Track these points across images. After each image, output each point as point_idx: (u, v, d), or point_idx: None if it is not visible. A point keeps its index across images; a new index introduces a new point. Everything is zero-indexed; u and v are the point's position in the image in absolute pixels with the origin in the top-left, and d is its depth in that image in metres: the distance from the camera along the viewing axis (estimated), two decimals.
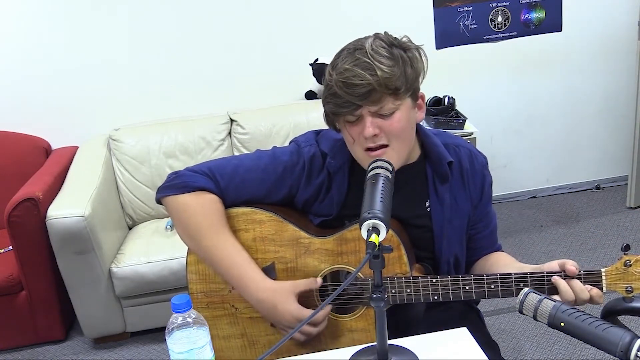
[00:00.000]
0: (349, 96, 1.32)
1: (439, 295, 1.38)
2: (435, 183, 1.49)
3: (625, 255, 1.31)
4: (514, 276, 1.35)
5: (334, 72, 1.35)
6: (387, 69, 1.31)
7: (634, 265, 1.30)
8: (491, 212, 1.59)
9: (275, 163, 1.50)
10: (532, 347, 2.60)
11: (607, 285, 1.32)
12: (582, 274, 1.32)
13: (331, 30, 3.35)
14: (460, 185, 1.51)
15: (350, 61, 1.33)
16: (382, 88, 1.31)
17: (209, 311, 1.51)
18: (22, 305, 2.81)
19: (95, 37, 3.24)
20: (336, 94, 1.34)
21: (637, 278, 1.31)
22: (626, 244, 1.30)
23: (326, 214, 1.50)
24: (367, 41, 1.36)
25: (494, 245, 1.61)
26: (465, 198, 1.52)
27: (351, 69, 1.32)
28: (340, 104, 1.34)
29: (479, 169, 1.53)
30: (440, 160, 1.48)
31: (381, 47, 1.34)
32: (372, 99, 1.33)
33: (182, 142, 3.16)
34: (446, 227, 1.50)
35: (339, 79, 1.33)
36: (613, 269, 1.32)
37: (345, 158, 1.48)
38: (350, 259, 1.45)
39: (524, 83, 3.70)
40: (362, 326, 1.46)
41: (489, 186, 1.56)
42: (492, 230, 1.60)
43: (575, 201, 3.83)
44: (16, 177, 3.01)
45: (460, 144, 1.54)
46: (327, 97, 1.37)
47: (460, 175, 1.51)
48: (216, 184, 1.48)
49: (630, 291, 1.31)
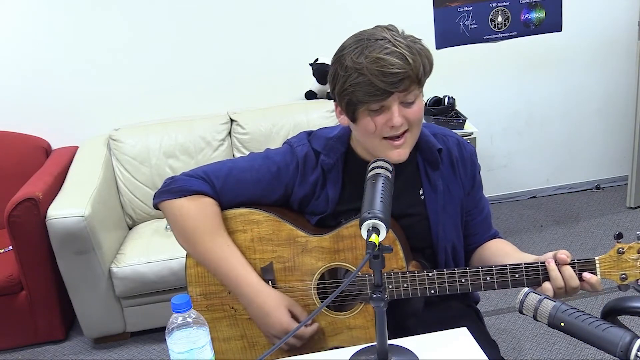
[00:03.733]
0: (383, 84, 1.31)
1: (436, 289, 1.39)
2: (427, 171, 1.51)
3: (618, 243, 1.31)
4: (509, 267, 1.36)
5: (363, 60, 1.32)
6: (415, 58, 1.33)
7: (627, 252, 1.31)
8: (483, 198, 1.62)
9: (270, 164, 1.51)
10: (532, 347, 2.60)
11: (602, 273, 1.33)
12: (576, 262, 1.33)
13: (331, 30, 3.33)
14: (451, 172, 1.53)
15: (380, 50, 1.31)
16: (413, 76, 1.33)
17: (208, 313, 1.51)
18: (22, 305, 2.80)
19: (95, 37, 3.24)
20: (366, 82, 1.32)
21: (630, 265, 1.31)
22: (619, 232, 1.31)
23: (322, 211, 1.51)
24: (382, 32, 1.35)
25: (490, 231, 1.62)
26: (458, 185, 1.54)
27: (384, 57, 1.31)
28: (372, 92, 1.33)
29: (468, 157, 1.56)
30: (430, 148, 1.50)
31: (399, 38, 1.35)
32: (404, 87, 1.33)
33: (182, 142, 3.16)
34: (441, 214, 1.51)
35: (374, 68, 1.31)
36: (607, 256, 1.32)
37: (339, 155, 1.50)
38: (347, 256, 1.46)
39: (524, 83, 3.70)
40: (360, 323, 1.46)
41: (479, 173, 1.59)
42: (486, 216, 1.62)
43: (575, 201, 3.83)
44: (16, 177, 3.01)
45: (447, 134, 1.57)
46: (353, 85, 1.34)
47: (450, 163, 1.53)
48: (212, 187, 1.49)
49: (625, 278, 1.31)
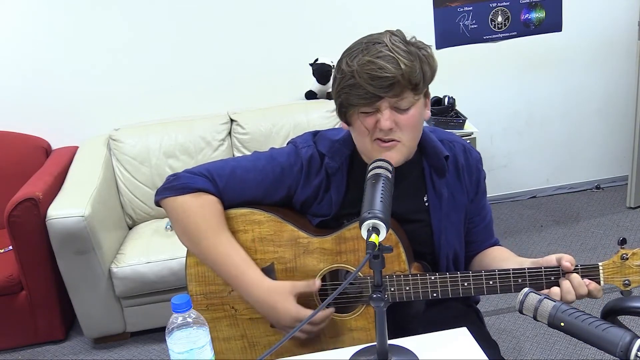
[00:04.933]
0: (372, 87, 1.31)
1: (438, 292, 1.38)
2: (432, 178, 1.50)
3: (622, 249, 1.31)
4: (512, 272, 1.36)
5: (355, 64, 1.32)
6: (409, 64, 1.32)
7: (631, 258, 1.30)
8: (487, 206, 1.62)
9: (273, 164, 1.50)
10: (532, 347, 2.60)
11: (605, 279, 1.33)
12: (580, 268, 1.33)
13: (331, 31, 3.35)
14: (456, 179, 1.52)
15: (373, 53, 1.32)
16: (404, 82, 1.32)
17: (208, 313, 1.51)
18: (22, 305, 2.80)
19: (95, 37, 3.24)
20: (357, 85, 1.32)
21: (634, 271, 1.31)
22: (623, 237, 1.31)
23: (324, 214, 1.50)
24: (384, 36, 1.35)
25: (491, 239, 1.62)
26: (462, 192, 1.53)
27: (375, 61, 1.31)
28: (361, 95, 1.33)
29: (474, 164, 1.55)
30: (437, 155, 1.49)
31: (399, 43, 1.34)
32: (394, 92, 1.33)
33: (182, 142, 3.16)
34: (444, 222, 1.51)
35: (363, 71, 1.31)
36: (610, 262, 1.32)
37: (343, 158, 1.49)
38: (349, 257, 1.45)
39: (524, 83, 3.70)
40: (362, 325, 1.46)
41: (483, 180, 1.59)
42: (488, 223, 1.61)
43: (575, 201, 3.83)
44: (16, 177, 3.01)
45: (454, 139, 1.56)
46: (345, 88, 1.35)
47: (456, 170, 1.53)
48: (214, 185, 1.48)
49: (628, 284, 1.31)
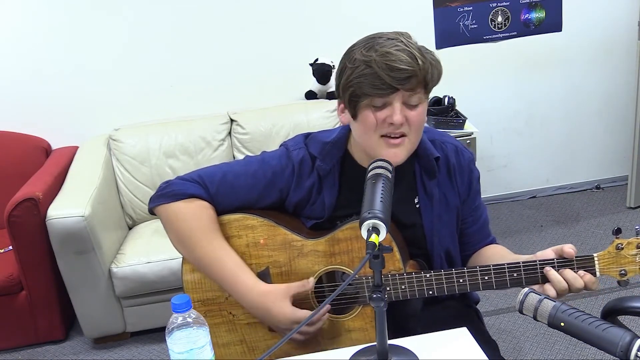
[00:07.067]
0: (389, 78, 1.31)
1: (434, 289, 1.38)
2: (423, 179, 1.50)
3: (617, 239, 1.31)
4: (507, 266, 1.36)
5: (373, 54, 1.31)
6: (425, 61, 1.33)
7: (626, 248, 1.30)
8: (481, 206, 1.60)
9: (265, 168, 1.50)
10: (532, 347, 2.60)
11: (601, 269, 1.32)
12: (575, 259, 1.33)
13: (331, 31, 3.35)
14: (447, 180, 1.52)
15: (391, 46, 1.32)
16: (420, 77, 1.33)
17: (207, 319, 1.50)
18: (22, 305, 2.80)
19: (95, 37, 3.24)
20: (374, 75, 1.31)
21: (629, 261, 1.30)
22: (617, 227, 1.30)
23: (318, 216, 1.50)
24: (395, 35, 1.36)
25: (487, 239, 1.61)
26: (454, 193, 1.53)
27: (394, 52, 1.31)
28: (377, 85, 1.32)
29: (466, 165, 1.54)
30: (428, 156, 1.49)
31: (412, 42, 1.35)
32: (410, 85, 1.33)
33: (182, 142, 3.16)
34: (436, 223, 1.51)
35: (382, 60, 1.30)
36: (605, 253, 1.32)
37: (335, 160, 1.49)
38: (344, 258, 1.45)
39: (524, 83, 3.70)
40: (359, 325, 1.46)
41: (476, 181, 1.57)
42: (483, 224, 1.61)
43: (575, 201, 3.83)
44: (16, 177, 3.01)
45: (446, 140, 1.55)
46: (359, 77, 1.33)
47: (447, 171, 1.52)
48: (206, 191, 1.48)
49: (624, 274, 1.31)
